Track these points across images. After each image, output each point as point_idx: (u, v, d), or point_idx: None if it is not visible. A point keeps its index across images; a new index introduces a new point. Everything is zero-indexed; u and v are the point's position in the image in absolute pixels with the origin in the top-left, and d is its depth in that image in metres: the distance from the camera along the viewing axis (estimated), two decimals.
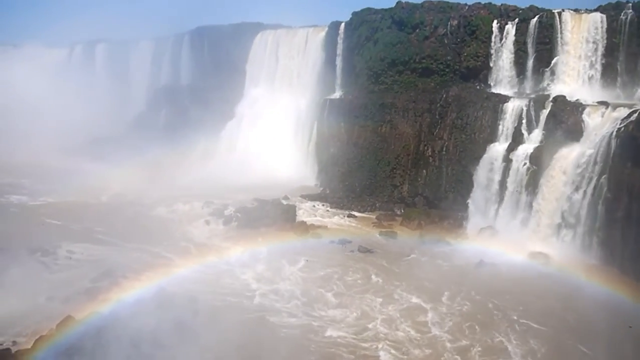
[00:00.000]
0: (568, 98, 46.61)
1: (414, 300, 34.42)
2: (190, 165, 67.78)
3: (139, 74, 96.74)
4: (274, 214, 49.92)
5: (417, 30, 58.24)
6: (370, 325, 30.97)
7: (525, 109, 48.08)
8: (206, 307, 31.67)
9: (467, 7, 57.99)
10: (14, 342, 26.89)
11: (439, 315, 32.37)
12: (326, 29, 68.43)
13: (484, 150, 49.13)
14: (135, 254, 41.00)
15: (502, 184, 46.83)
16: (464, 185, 50.34)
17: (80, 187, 57.98)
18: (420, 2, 60.37)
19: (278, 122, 71.03)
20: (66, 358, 24.38)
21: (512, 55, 53.21)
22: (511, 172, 46.33)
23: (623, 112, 40.76)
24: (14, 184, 62.24)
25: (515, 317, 32.13)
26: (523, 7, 54.98)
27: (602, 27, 48.97)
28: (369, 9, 63.08)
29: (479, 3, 57.88)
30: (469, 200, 49.08)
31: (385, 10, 61.16)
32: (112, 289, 33.75)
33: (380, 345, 28.77)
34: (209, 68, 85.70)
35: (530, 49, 52.22)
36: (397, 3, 60.78)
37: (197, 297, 32.90)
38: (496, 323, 31.51)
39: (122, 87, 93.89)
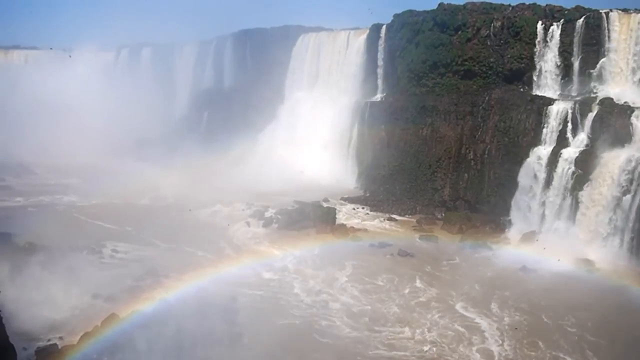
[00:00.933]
0: (615, 100, 45.33)
1: (462, 310, 33.34)
2: (231, 167, 68.62)
3: (182, 76, 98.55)
4: (314, 216, 50.18)
5: (460, 32, 57.49)
6: (417, 336, 30.11)
7: (570, 111, 46.87)
8: (246, 308, 32.04)
9: (510, 8, 56.94)
10: (61, 338, 27.69)
11: (496, 330, 30.82)
12: (367, 31, 68.30)
13: (527, 154, 48.11)
14: (177, 254, 41.77)
15: (546, 189, 45.77)
16: (506, 189, 49.36)
17: (125, 188, 59.38)
18: (462, 3, 59.71)
19: (318, 125, 71.27)
20: (110, 355, 25.05)
21: (557, 57, 51.81)
22: (555, 176, 45.26)
23: None
24: (64, 184, 64.22)
25: (571, 330, 30.78)
26: (569, 7, 53.61)
27: None
28: (410, 11, 62.66)
29: (523, 4, 56.73)
30: (512, 205, 48.12)
31: (427, 12, 60.62)
32: (155, 288, 34.43)
33: None
34: (251, 71, 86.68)
35: (576, 50, 50.76)
36: (439, 5, 60.16)
37: (237, 297, 33.38)
38: (555, 338, 29.88)
39: (166, 90, 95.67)
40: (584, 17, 50.44)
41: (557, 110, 47.81)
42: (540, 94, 51.68)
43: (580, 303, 34.06)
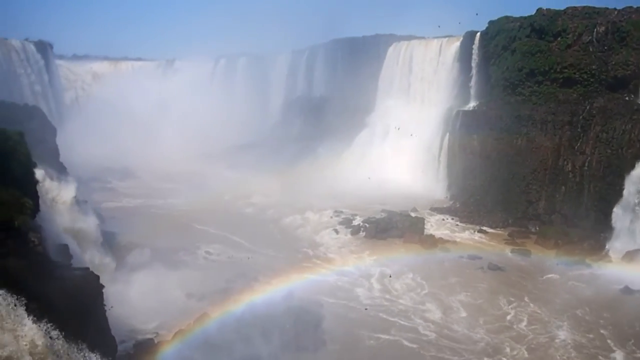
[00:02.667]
0: None
1: (567, 334, 31.09)
2: (321, 174, 69.44)
3: (276, 85, 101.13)
4: (402, 225, 49.80)
5: (559, 38, 55.06)
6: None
7: None
8: (332, 314, 32.28)
9: (616, 12, 53.65)
10: (156, 334, 29.19)
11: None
12: (461, 38, 66.98)
13: (632, 167, 45.01)
14: (266, 258, 42.90)
15: None
16: (607, 203, 46.43)
17: (219, 193, 61.72)
18: (562, 8, 57.07)
19: (409, 133, 70.68)
20: (200, 352, 26.01)
21: None
22: None
23: None
24: (163, 188, 67.52)
25: None
26: None
27: None
28: (506, 18, 60.77)
29: (631, 7, 53.29)
30: (613, 220, 45.20)
31: (524, 18, 58.49)
32: (244, 290, 35.47)
33: None
34: (342, 79, 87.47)
35: None
36: (537, 10, 57.88)
37: (323, 304, 33.73)
38: None
39: (260, 98, 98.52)
40: None
41: None
42: None
43: None
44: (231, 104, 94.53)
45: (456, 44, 67.43)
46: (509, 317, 33.41)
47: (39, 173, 26.22)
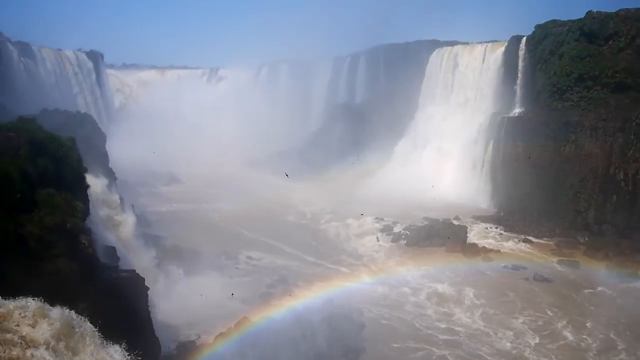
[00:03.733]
0: None
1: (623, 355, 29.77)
2: (362, 180, 69.42)
3: (317, 91, 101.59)
4: (444, 234, 49.12)
5: (610, 42, 53.41)
6: None
7: None
8: (371, 322, 32.20)
9: None
10: (198, 336, 29.67)
11: None
12: (506, 43, 65.91)
13: None
14: (307, 264, 43.12)
15: None
16: None
17: (260, 198, 62.35)
18: (614, 10, 55.35)
19: (452, 140, 69.95)
20: (240, 356, 26.29)
21: None
22: None
23: None
24: (207, 193, 68.73)
25: None
26: None
27: None
28: (554, 22, 59.40)
29: None
30: None
31: (573, 21, 56.98)
32: (284, 296, 35.78)
33: None
34: (384, 86, 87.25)
35: None
36: (586, 13, 56.21)
37: (363, 311, 33.64)
38: None
39: (302, 105, 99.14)
40: None
41: None
42: None
43: None
44: (274, 110, 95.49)
45: (501, 49, 66.40)
46: (553, 330, 32.50)
47: (89, 178, 27.03)
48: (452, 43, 78.15)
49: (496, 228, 53.74)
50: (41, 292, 12.87)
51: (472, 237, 50.26)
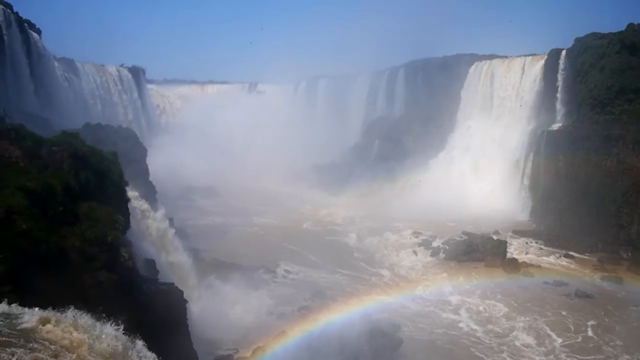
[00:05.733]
0: None
1: None
2: (401, 194, 69.07)
3: (355, 106, 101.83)
4: (483, 248, 48.45)
5: None
6: None
7: None
8: (410, 338, 31.86)
9: None
10: (236, 350, 29.91)
11: None
12: (545, 57, 65.00)
13: None
14: (344, 278, 43.04)
15: None
16: None
17: (298, 212, 62.69)
18: None
19: (490, 154, 69.12)
20: None
21: None
22: None
23: None
24: (246, 207, 69.23)
25: None
26: None
27: None
28: (594, 34, 58.37)
29: None
30: None
31: (614, 34, 55.88)
32: (322, 310, 35.73)
33: None
34: (422, 100, 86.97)
35: None
36: (628, 25, 55.00)
37: (401, 326, 33.37)
38: None
39: (340, 119, 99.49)
40: None
41: None
42: None
43: None
44: (312, 124, 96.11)
45: (540, 62, 65.53)
46: (595, 348, 31.58)
47: (130, 191, 27.73)
48: (491, 57, 77.62)
49: (536, 243, 52.65)
50: (82, 304, 13.27)
51: (512, 252, 49.39)
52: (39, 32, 62.30)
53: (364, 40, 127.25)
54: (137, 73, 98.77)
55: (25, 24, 57.94)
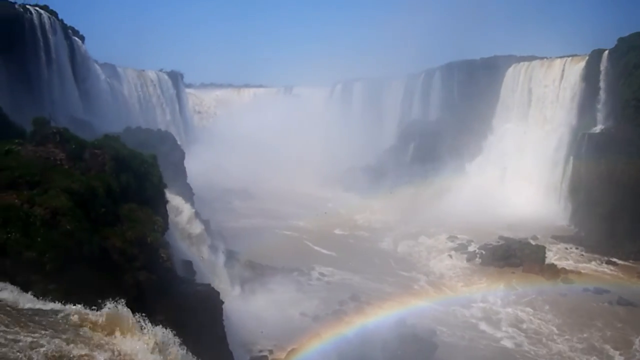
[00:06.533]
0: None
1: None
2: (436, 198, 68.34)
3: (390, 109, 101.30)
4: (521, 254, 47.60)
5: None
6: None
7: None
8: (445, 344, 31.52)
9: None
10: (271, 351, 30.15)
11: None
12: (586, 57, 63.46)
13: None
14: (379, 282, 42.83)
15: None
16: None
17: (333, 214, 62.70)
18: None
19: (529, 157, 67.82)
20: None
21: None
22: None
23: None
24: (280, 209, 69.68)
25: None
26: None
27: None
28: (638, 34, 56.74)
29: None
30: None
31: None
32: (356, 314, 35.71)
33: None
34: (458, 102, 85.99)
35: None
36: None
37: (437, 332, 33.01)
38: None
39: (374, 122, 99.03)
40: None
41: None
42: None
43: None
44: (347, 127, 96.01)
45: (581, 64, 64.03)
46: None
47: (168, 193, 28.21)
48: (530, 58, 76.19)
49: (577, 249, 51.41)
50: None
51: (551, 257, 48.35)
52: (82, 38, 64.13)
53: (400, 43, 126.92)
54: (175, 77, 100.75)
55: (70, 31, 59.70)
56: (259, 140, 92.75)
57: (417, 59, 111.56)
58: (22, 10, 50.12)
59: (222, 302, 24.12)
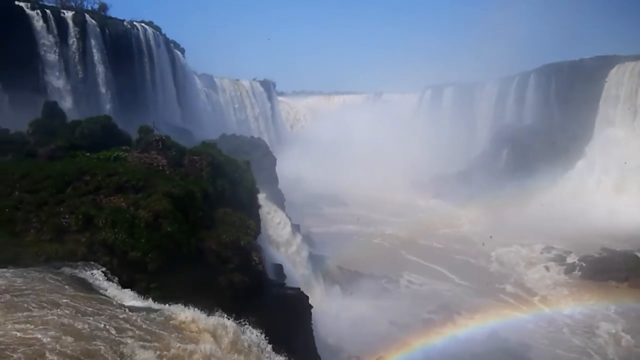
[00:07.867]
0: None
1: None
2: (530, 206, 65.59)
3: (482, 114, 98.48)
4: (626, 267, 44.73)
5: None
6: None
7: None
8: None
9: None
10: (358, 358, 29.98)
11: None
12: None
13: None
14: (470, 292, 41.81)
15: None
16: None
17: (424, 221, 61.80)
18: None
19: (634, 165, 63.60)
20: None
21: None
22: None
23: None
24: (369, 216, 69.66)
25: None
26: None
27: None
28: None
29: None
30: None
31: None
32: (446, 324, 35.03)
33: None
34: (555, 106, 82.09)
35: None
36: None
37: (531, 347, 31.70)
38: None
39: (465, 128, 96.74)
40: None
41: None
42: None
43: None
44: (437, 133, 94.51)
45: None
46: None
47: (261, 198, 28.99)
48: (636, 58, 71.29)
49: None
50: (217, 303, 14.18)
51: None
52: (182, 51, 67.70)
53: (492, 46, 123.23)
54: (268, 86, 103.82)
55: (171, 44, 63.23)
56: (349, 147, 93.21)
57: (511, 61, 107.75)
58: (129, 26, 53.85)
59: (311, 307, 24.40)
